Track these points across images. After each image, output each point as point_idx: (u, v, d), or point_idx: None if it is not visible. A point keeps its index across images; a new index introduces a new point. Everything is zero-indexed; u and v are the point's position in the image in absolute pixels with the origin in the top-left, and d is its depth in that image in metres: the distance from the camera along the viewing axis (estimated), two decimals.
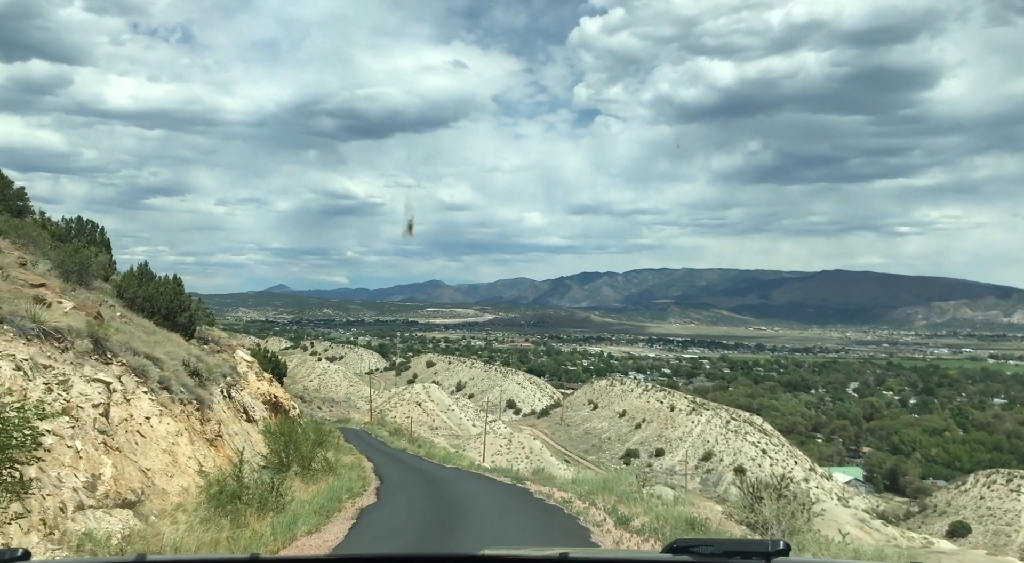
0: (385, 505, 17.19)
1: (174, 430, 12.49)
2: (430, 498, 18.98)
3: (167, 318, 23.39)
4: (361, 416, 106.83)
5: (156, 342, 16.01)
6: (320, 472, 20.68)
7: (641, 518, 14.20)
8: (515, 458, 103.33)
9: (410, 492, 20.36)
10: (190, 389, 14.87)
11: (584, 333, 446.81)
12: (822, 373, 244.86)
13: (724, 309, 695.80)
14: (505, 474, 28.16)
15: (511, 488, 21.92)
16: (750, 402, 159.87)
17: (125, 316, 17.21)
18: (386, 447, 48.05)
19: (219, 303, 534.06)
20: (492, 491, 20.91)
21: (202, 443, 13.63)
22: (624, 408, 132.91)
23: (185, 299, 24.57)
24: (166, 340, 17.87)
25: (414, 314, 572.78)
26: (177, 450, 12.37)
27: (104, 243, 28.91)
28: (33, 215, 30.75)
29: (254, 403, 23.24)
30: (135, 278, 23.51)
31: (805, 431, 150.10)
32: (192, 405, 14.48)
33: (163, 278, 24.73)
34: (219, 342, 28.04)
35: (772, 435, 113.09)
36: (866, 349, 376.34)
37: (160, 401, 12.88)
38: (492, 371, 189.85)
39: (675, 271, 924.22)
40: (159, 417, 12.30)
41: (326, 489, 17.32)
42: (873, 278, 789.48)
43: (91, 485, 9.05)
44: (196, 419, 14.27)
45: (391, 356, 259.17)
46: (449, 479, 25.44)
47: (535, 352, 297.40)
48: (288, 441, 19.97)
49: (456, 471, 30.78)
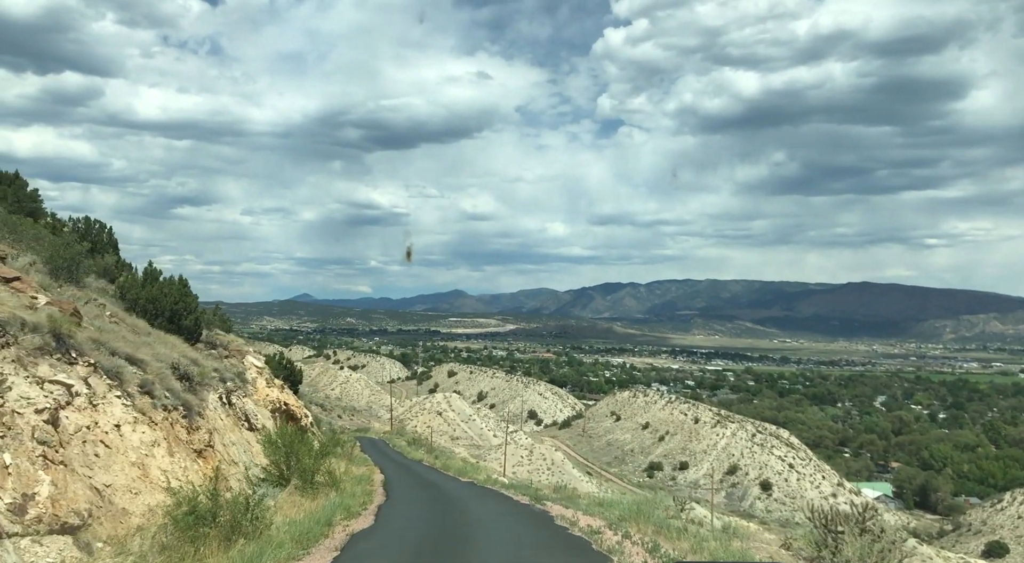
0: (381, 531, 15.17)
1: (149, 440, 11.14)
2: (435, 522, 16.99)
3: (172, 321, 22.31)
4: (382, 425, 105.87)
5: (145, 343, 14.84)
6: (324, 486, 19.25)
7: (690, 558, 12.06)
8: (536, 469, 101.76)
9: (414, 513, 18.33)
10: (176, 394, 13.70)
11: (606, 344, 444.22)
12: (849, 386, 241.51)
13: (748, 321, 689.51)
14: (523, 492, 25.48)
15: (529, 510, 19.69)
16: (776, 415, 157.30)
17: (116, 316, 16.11)
18: (402, 458, 46.71)
19: (244, 312, 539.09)
20: (507, 515, 18.61)
21: (186, 454, 12.29)
22: (647, 420, 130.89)
23: (191, 301, 23.47)
24: (160, 342, 16.72)
25: (436, 324, 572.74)
26: (150, 463, 11.02)
27: (112, 244, 27.99)
28: (47, 218, 30.02)
29: (258, 411, 22.02)
30: (138, 279, 22.46)
31: (832, 445, 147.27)
32: (178, 411, 13.22)
33: (168, 279, 23.69)
34: (227, 347, 26.93)
35: (799, 449, 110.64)
36: (893, 362, 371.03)
37: (139, 407, 11.62)
38: (513, 381, 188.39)
39: (699, 282, 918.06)
40: (133, 425, 11.00)
41: (321, 507, 15.71)
42: (900, 291, 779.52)
43: (19, 507, 7.72)
44: (182, 427, 12.97)
45: (413, 365, 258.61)
46: (461, 496, 23.38)
47: (557, 363, 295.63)
48: (289, 452, 18.64)
49: (471, 487, 28.50)
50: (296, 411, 29.63)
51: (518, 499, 22.46)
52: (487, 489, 26.89)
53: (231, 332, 48.56)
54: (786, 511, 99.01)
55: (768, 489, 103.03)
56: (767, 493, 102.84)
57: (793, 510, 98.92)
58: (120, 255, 27.23)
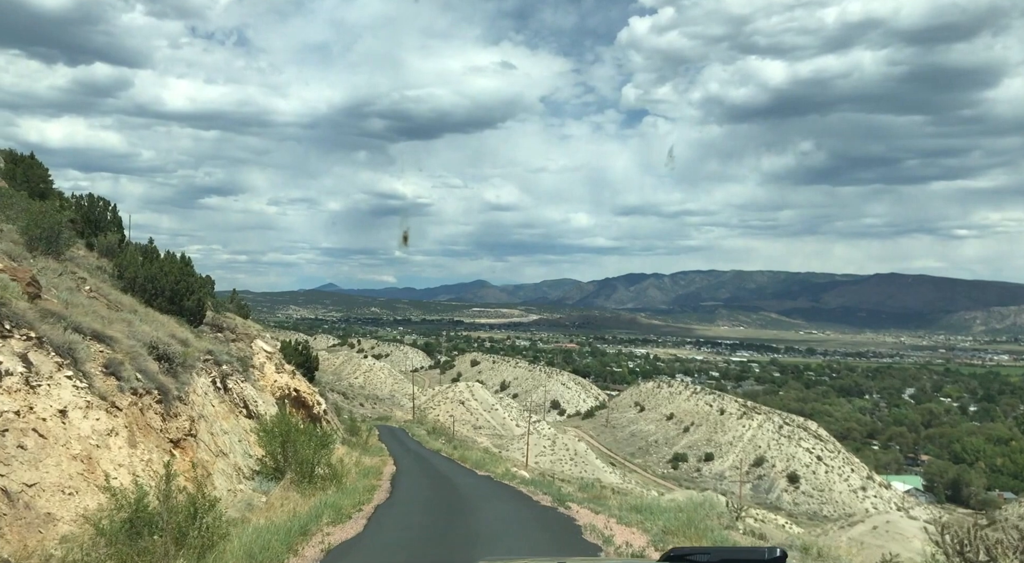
0: (366, 545, 12.67)
1: (105, 428, 9.68)
2: (436, 532, 14.42)
3: (172, 301, 21.03)
4: (404, 414, 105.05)
5: (123, 320, 13.44)
6: (324, 479, 17.72)
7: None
8: (559, 459, 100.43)
9: (415, 519, 15.73)
10: (151, 376, 12.24)
11: (630, 335, 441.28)
12: (876, 378, 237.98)
13: (774, 312, 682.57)
14: (544, 489, 22.47)
15: (551, 516, 16.74)
16: (802, 407, 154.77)
17: (97, 291, 14.74)
18: (420, 448, 45.34)
19: (270, 301, 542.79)
20: (524, 521, 15.72)
21: (156, 445, 10.73)
22: (672, 411, 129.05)
23: (193, 281, 22.16)
24: (148, 321, 15.31)
25: (460, 314, 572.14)
26: (101, 456, 9.32)
27: (116, 223, 26.81)
28: (58, 199, 29.02)
29: (260, 397, 20.67)
30: (137, 257, 21.16)
31: (860, 437, 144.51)
32: (151, 396, 11.82)
33: (168, 257, 22.41)
34: (235, 330, 25.69)
35: (827, 441, 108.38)
36: (922, 354, 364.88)
37: (99, 390, 10.15)
38: (536, 371, 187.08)
39: (724, 273, 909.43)
40: (84, 410, 9.53)
41: (309, 508, 13.67)
42: (929, 282, 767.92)
43: None
44: (156, 414, 11.42)
45: (436, 354, 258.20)
46: (474, 495, 20.99)
47: (580, 353, 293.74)
48: (285, 441, 16.93)
49: (486, 482, 26.07)
50: (308, 398, 28.37)
51: (538, 499, 19.83)
52: (504, 485, 24.51)
53: (249, 318, 47.48)
54: (814, 504, 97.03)
55: (795, 482, 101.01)
56: (794, 486, 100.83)
57: (821, 503, 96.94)
58: (124, 234, 26.03)
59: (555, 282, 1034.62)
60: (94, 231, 24.28)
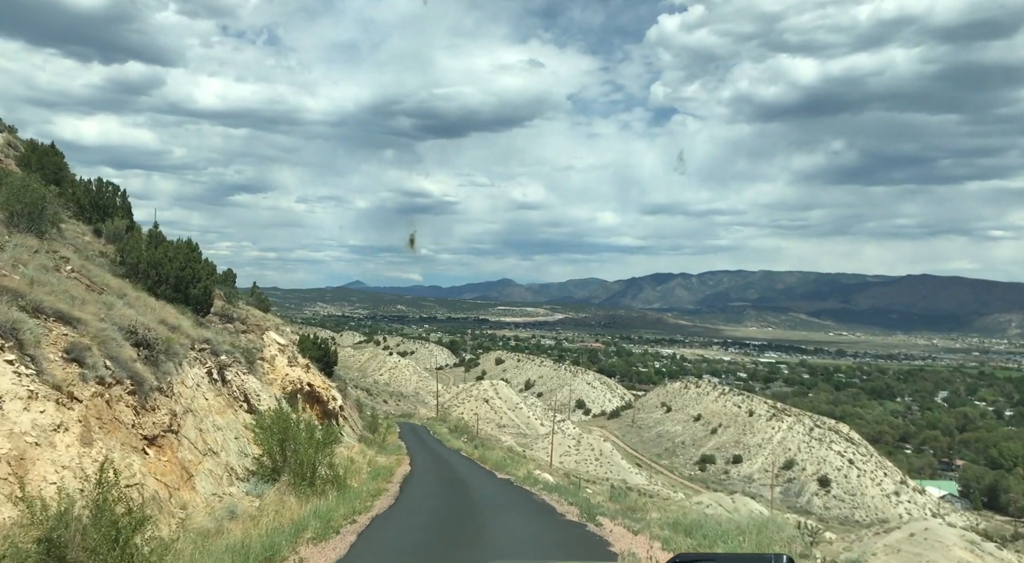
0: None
1: (51, 422, 8.23)
2: (433, 558, 11.78)
3: (177, 289, 19.83)
4: (428, 411, 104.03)
5: (101, 302, 12.14)
6: (327, 482, 16.16)
7: None
8: (584, 460, 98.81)
9: (412, 537, 13.24)
10: (123, 364, 10.90)
11: (656, 335, 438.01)
12: (908, 381, 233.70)
13: (803, 313, 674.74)
14: (570, 498, 20.00)
15: (579, 536, 14.04)
16: (832, 409, 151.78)
17: (81, 272, 13.47)
18: (439, 446, 44.00)
19: (298, 298, 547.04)
20: (546, 547, 12.63)
21: (122, 442, 9.11)
22: (699, 412, 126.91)
23: (200, 268, 20.93)
24: (136, 305, 14.00)
25: (485, 312, 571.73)
26: (39, 456, 7.77)
27: (125, 208, 25.83)
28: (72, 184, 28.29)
29: (265, 390, 19.38)
30: (140, 242, 19.96)
31: (892, 441, 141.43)
32: (121, 386, 10.48)
33: (174, 242, 21.22)
34: (246, 321, 24.50)
35: (859, 444, 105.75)
36: (955, 357, 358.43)
37: (55, 378, 8.72)
38: (561, 370, 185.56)
39: (752, 273, 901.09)
40: (25, 401, 8.11)
41: (296, 520, 11.75)
42: (963, 284, 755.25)
43: None
44: (128, 406, 10.20)
45: (461, 353, 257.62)
46: (489, 505, 18.72)
47: (605, 352, 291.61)
48: (284, 438, 15.42)
49: (506, 487, 23.82)
50: (322, 393, 27.14)
51: (563, 511, 17.52)
52: (525, 492, 22.22)
53: (269, 312, 46.53)
54: (845, 508, 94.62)
55: (826, 485, 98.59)
56: (825, 489, 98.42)
57: (853, 508, 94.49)
58: (133, 219, 24.99)
59: (581, 281, 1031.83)
60: (101, 217, 23.21)
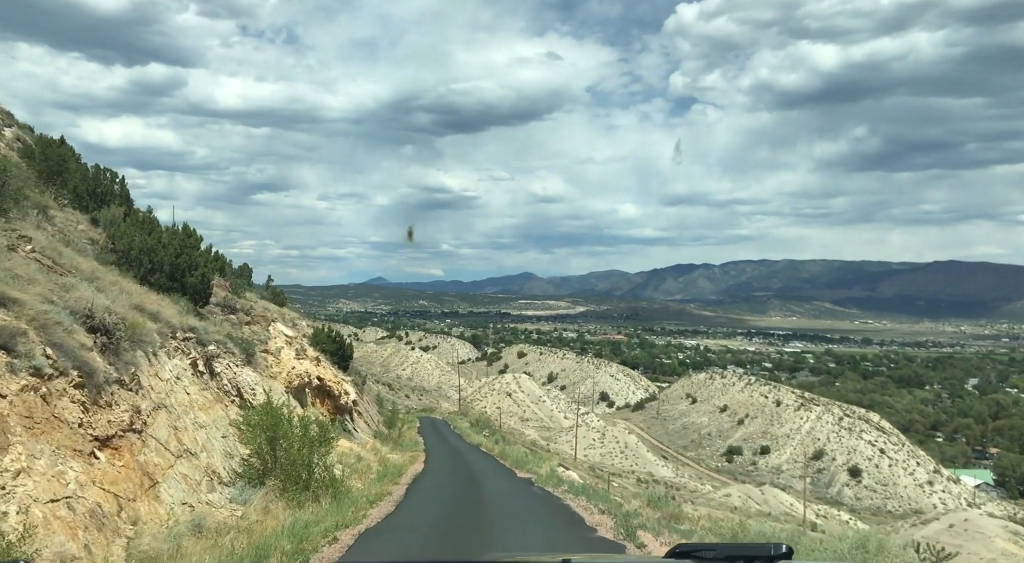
0: None
1: None
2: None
3: (172, 277, 18.87)
4: (450, 405, 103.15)
5: (59, 284, 10.81)
6: (323, 485, 14.45)
7: None
8: (609, 452, 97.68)
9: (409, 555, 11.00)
10: (70, 352, 9.58)
11: (679, 326, 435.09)
12: (937, 368, 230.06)
13: (828, 302, 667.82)
14: (601, 503, 16.88)
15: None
16: (860, 398, 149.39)
17: (43, 252, 12.34)
18: (459, 441, 42.92)
19: (321, 295, 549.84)
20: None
21: (57, 446, 8.23)
22: (725, 402, 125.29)
23: (197, 255, 19.96)
24: (104, 288, 12.73)
25: (506, 306, 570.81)
26: None
27: (123, 195, 24.95)
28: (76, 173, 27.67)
29: (263, 383, 18.35)
30: (131, 227, 19.03)
31: (923, 430, 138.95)
32: (65, 378, 9.21)
33: (169, 228, 20.29)
34: (250, 312, 23.58)
35: (891, 433, 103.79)
36: (984, 344, 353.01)
37: None
38: (584, 362, 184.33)
39: (775, 262, 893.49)
40: None
41: (265, 535, 10.11)
42: (991, 269, 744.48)
43: None
44: (74, 403, 9.13)
45: (483, 346, 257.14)
46: (505, 513, 15.80)
47: (628, 344, 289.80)
48: (274, 437, 13.78)
49: (525, 489, 20.96)
50: (333, 387, 26.17)
51: (593, 523, 14.29)
52: (548, 495, 19.20)
53: (284, 306, 45.79)
54: (877, 499, 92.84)
55: (857, 475, 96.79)
56: (856, 480, 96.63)
57: (885, 498, 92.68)
58: (132, 206, 24.08)
59: (602, 274, 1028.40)
60: (98, 204, 22.31)
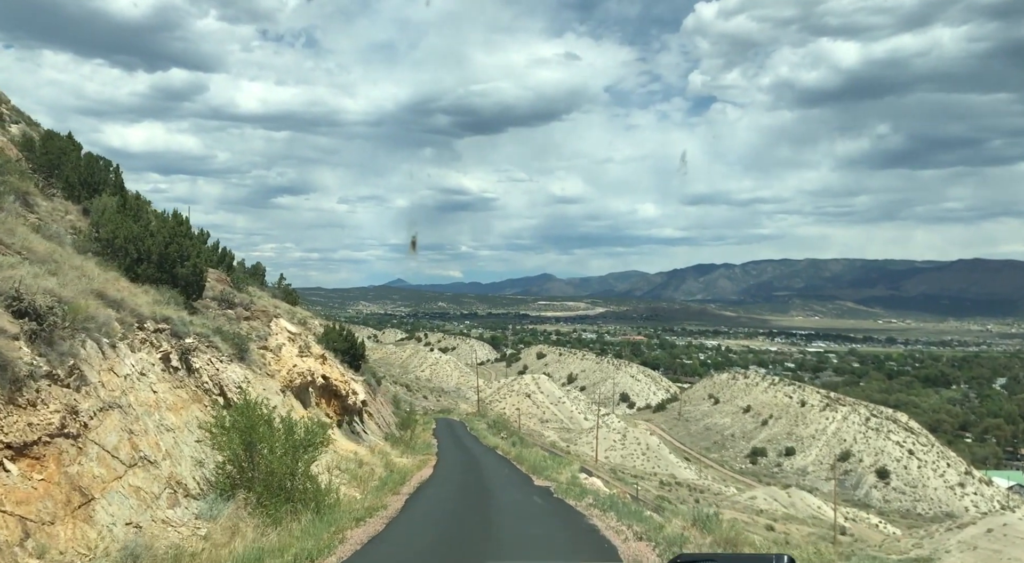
0: None
1: None
2: None
3: (161, 268, 17.59)
4: (469, 406, 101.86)
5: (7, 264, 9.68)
6: (308, 498, 12.86)
7: None
8: (630, 454, 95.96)
9: None
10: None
11: (700, 326, 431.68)
12: (963, 368, 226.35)
13: (851, 301, 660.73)
14: (636, 521, 14.42)
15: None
16: (886, 398, 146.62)
17: None
18: (475, 444, 41.39)
19: (341, 297, 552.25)
20: None
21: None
22: (748, 403, 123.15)
23: (189, 245, 18.65)
24: (59, 272, 11.35)
25: (525, 307, 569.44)
26: None
27: (118, 184, 23.84)
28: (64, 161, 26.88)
29: (258, 382, 17.02)
30: (117, 214, 17.78)
31: (952, 430, 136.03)
32: None
33: (159, 214, 19.04)
34: (249, 307, 22.30)
35: (919, 434, 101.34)
36: (1011, 343, 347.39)
37: None
38: (604, 363, 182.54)
39: (797, 262, 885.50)
40: None
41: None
42: (1017, 267, 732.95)
43: None
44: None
45: (502, 348, 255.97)
46: (514, 537, 13.18)
47: (648, 345, 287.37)
48: (250, 442, 12.26)
49: (543, 501, 18.52)
50: (340, 387, 24.84)
51: (628, 553, 11.72)
52: (568, 510, 16.84)
53: (297, 304, 44.72)
54: (906, 501, 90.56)
55: (885, 477, 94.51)
56: (884, 481, 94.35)
57: (914, 500, 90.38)
58: (126, 197, 22.89)
59: (622, 274, 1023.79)
60: (90, 194, 21.12)
